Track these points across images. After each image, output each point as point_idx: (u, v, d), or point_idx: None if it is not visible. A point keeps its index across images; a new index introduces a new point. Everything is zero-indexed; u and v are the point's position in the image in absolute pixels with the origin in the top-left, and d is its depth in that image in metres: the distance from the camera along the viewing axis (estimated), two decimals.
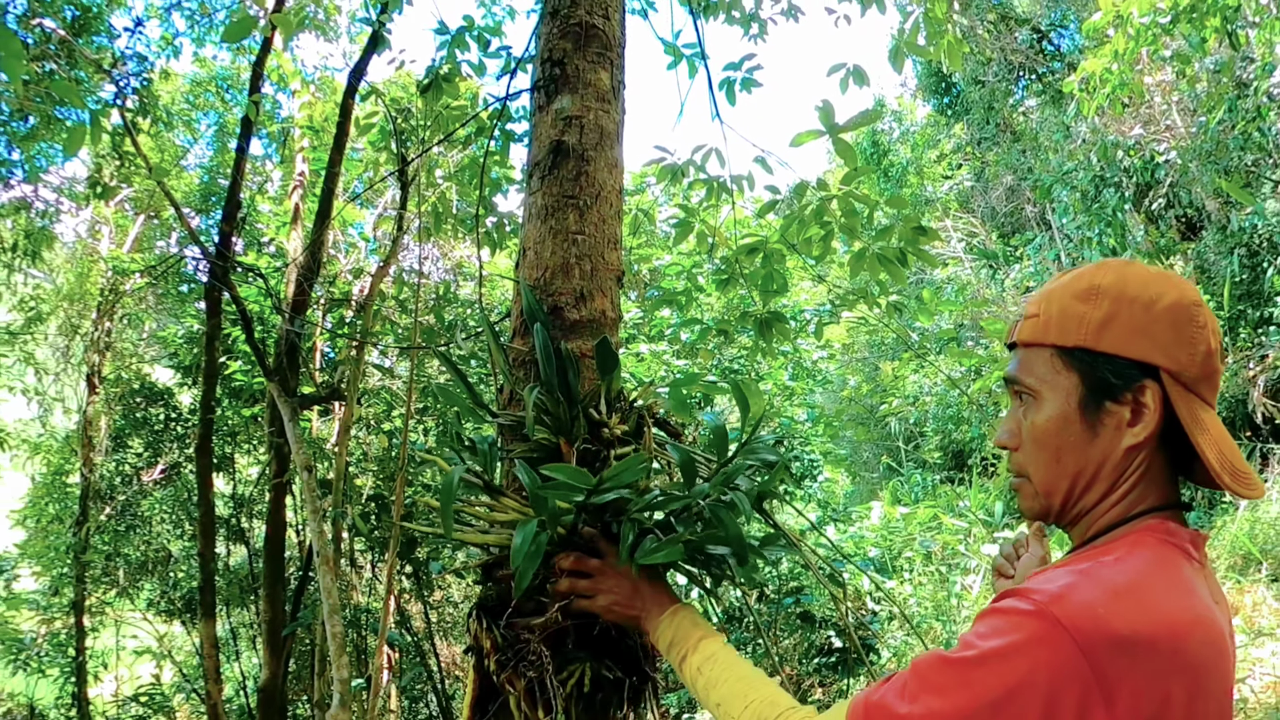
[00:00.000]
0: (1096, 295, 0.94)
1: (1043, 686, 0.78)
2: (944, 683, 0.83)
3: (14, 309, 10.29)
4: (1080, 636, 0.78)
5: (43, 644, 9.73)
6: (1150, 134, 10.11)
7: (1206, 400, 0.93)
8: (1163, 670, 0.80)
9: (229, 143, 9.95)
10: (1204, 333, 0.91)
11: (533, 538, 1.28)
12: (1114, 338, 0.92)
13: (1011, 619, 0.82)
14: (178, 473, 8.81)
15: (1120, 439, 0.92)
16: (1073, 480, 0.96)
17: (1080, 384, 0.94)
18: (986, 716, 0.79)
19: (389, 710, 7.38)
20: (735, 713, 1.06)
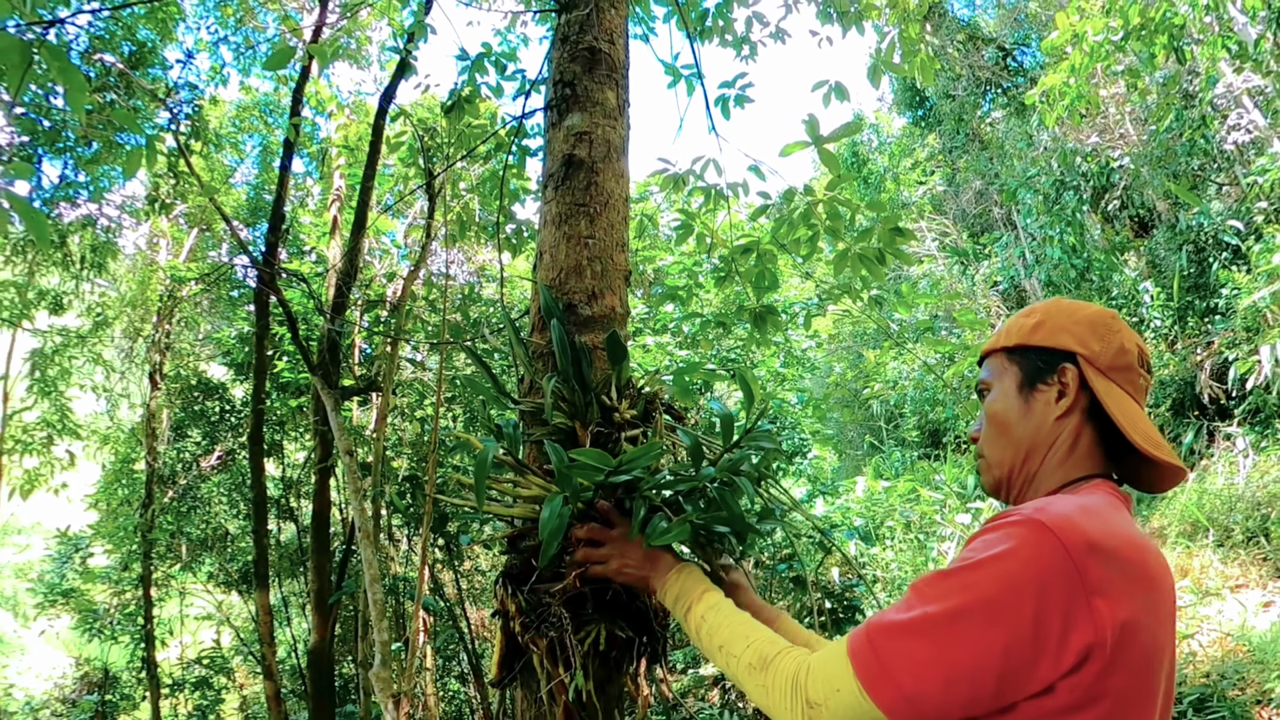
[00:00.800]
0: (1033, 311, 1.11)
1: (1034, 581, 0.79)
2: (944, 589, 0.84)
3: (83, 315, 10.33)
4: (1064, 536, 0.81)
5: (115, 614, 9.80)
6: (1105, 142, 10.06)
7: (1127, 390, 1.03)
8: (1132, 578, 0.83)
9: (273, 162, 9.97)
10: (1118, 335, 1.04)
11: (558, 512, 1.29)
12: (1041, 335, 1.07)
13: (1002, 530, 0.85)
14: (232, 459, 8.85)
15: (1050, 412, 1.03)
16: (1014, 451, 1.06)
17: (1019, 372, 1.08)
18: (984, 612, 0.80)
19: (425, 669, 7.42)
20: (738, 651, 1.06)
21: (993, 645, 0.79)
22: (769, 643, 1.03)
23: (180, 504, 8.88)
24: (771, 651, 1.01)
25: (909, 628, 0.83)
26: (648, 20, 3.62)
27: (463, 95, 3.29)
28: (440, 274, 6.70)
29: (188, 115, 7.34)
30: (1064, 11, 5.57)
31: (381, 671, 2.77)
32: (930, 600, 0.83)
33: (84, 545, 10.28)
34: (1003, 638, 0.79)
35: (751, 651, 1.03)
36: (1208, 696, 3.86)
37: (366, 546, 2.64)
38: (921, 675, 0.81)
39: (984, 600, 0.80)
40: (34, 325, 9.81)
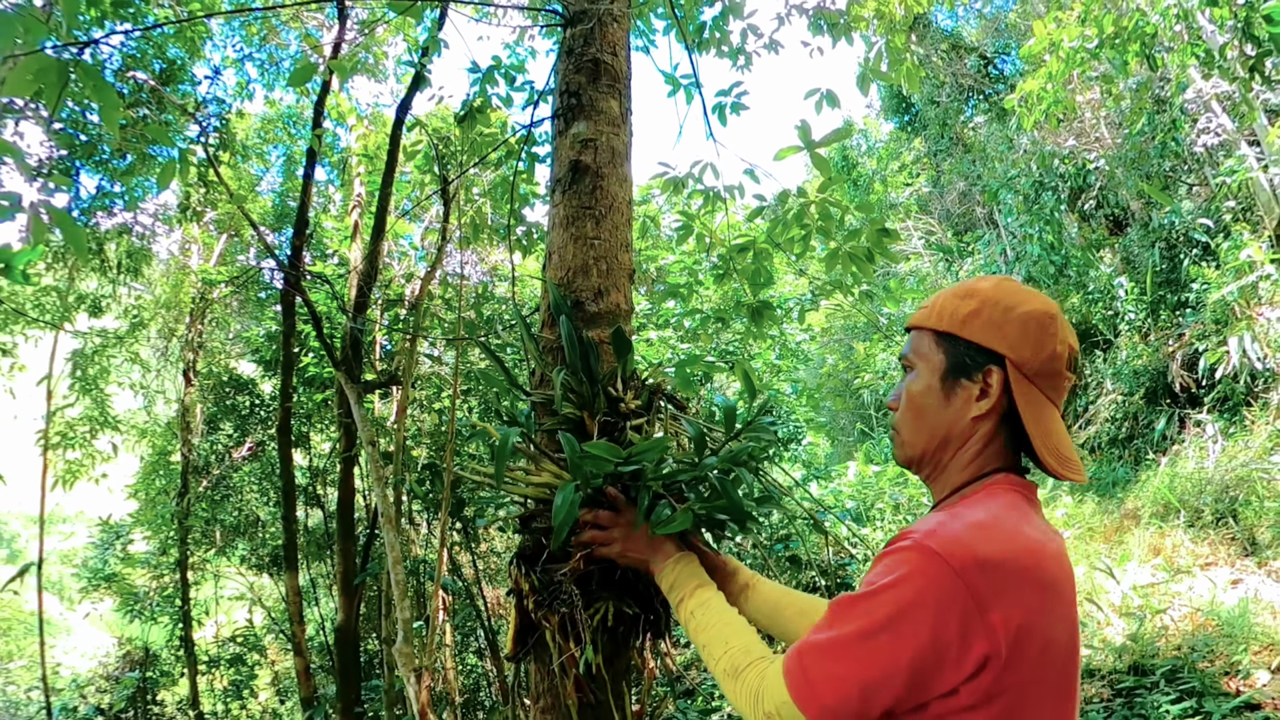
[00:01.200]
0: (972, 295, 1.00)
1: (930, 604, 0.82)
2: (850, 613, 0.87)
3: (120, 317, 10.36)
4: (952, 559, 0.82)
5: (154, 596, 9.85)
6: (1082, 144, 10.01)
7: (1049, 396, 0.97)
8: (1025, 585, 0.85)
9: (296, 171, 9.95)
10: (1052, 340, 0.96)
11: (570, 499, 1.30)
12: (974, 328, 0.97)
13: (897, 557, 0.86)
14: (262, 450, 8.89)
15: (968, 410, 0.98)
16: (928, 438, 1.01)
17: (944, 361, 1.00)
18: (887, 632, 0.83)
19: (444, 644, 7.45)
20: (716, 655, 1.07)
21: (898, 660, 0.83)
22: (742, 653, 1.04)
23: (214, 492, 8.93)
24: (743, 663, 1.02)
25: (827, 649, 0.87)
26: (648, 33, 3.61)
27: (475, 106, 3.28)
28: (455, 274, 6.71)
29: (216, 128, 7.34)
30: (1041, 21, 5.54)
31: (404, 647, 2.78)
32: (843, 623, 0.87)
33: (125, 532, 10.34)
34: (906, 653, 0.82)
35: (727, 659, 1.04)
36: (1179, 668, 3.86)
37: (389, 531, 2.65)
38: (840, 690, 0.86)
39: (886, 622, 0.83)
40: (75, 327, 9.84)
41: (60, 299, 9.32)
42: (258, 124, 10.37)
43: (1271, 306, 6.33)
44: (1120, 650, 4.20)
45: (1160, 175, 9.13)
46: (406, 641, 2.82)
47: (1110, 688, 3.94)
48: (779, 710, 0.91)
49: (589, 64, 1.82)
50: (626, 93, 1.88)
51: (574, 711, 1.42)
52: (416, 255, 8.30)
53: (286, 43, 8.47)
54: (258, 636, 9.79)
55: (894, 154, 16.38)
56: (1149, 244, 8.72)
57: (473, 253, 7.35)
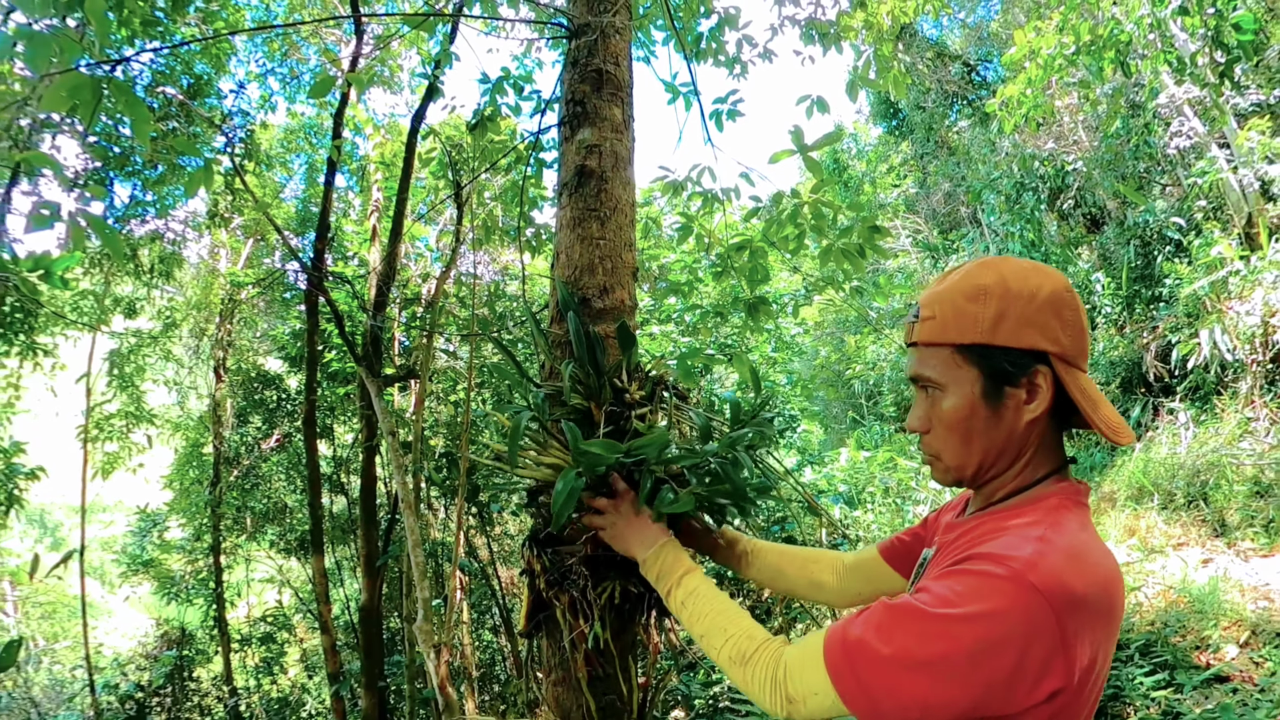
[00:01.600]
0: (985, 295, 0.87)
1: (1019, 641, 0.74)
2: (925, 632, 0.77)
3: (154, 318, 10.39)
4: (1054, 599, 0.74)
5: (189, 579, 9.89)
6: (1060, 147, 9.96)
7: (1082, 367, 0.88)
8: (1101, 621, 0.79)
9: (318, 178, 9.95)
10: (1078, 315, 0.87)
11: (570, 484, 1.29)
12: (1007, 332, 0.86)
13: (990, 582, 0.76)
14: (289, 441, 8.91)
15: (1021, 416, 0.87)
16: (982, 456, 0.90)
17: (980, 375, 0.88)
18: (966, 663, 0.75)
19: (462, 622, 7.48)
20: (717, 645, 1.01)
21: (970, 691, 0.76)
22: (746, 638, 0.98)
23: (244, 481, 8.96)
24: (750, 648, 0.97)
25: (892, 664, 0.78)
26: (649, 44, 3.60)
27: (485, 115, 3.28)
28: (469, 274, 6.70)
29: (241, 139, 7.34)
30: (1022, 30, 5.50)
31: (424, 625, 2.79)
32: (914, 640, 0.78)
33: (161, 520, 10.39)
34: (980, 686, 0.75)
35: (730, 647, 0.99)
36: (1153, 642, 3.86)
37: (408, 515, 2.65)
38: (903, 707, 0.78)
39: (967, 654, 0.75)
40: (111, 328, 9.87)
41: (97, 302, 9.35)
42: (280, 135, 10.37)
43: (1240, 301, 6.30)
44: None
45: (1135, 176, 9.08)
46: (426, 619, 2.83)
47: None
48: (804, 699, 0.86)
49: (593, 74, 1.81)
50: (629, 101, 1.87)
51: (584, 684, 1.42)
52: (432, 256, 8.29)
53: (306, 58, 8.46)
54: (287, 616, 9.84)
55: (882, 157, 16.30)
56: (1124, 241, 8.68)
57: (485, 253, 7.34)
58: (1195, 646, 3.76)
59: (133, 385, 10.11)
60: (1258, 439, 5.62)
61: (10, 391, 8.42)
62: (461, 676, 6.92)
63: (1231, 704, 3.01)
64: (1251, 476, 5.28)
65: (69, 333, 9.16)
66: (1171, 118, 8.16)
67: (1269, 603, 3.99)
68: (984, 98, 11.47)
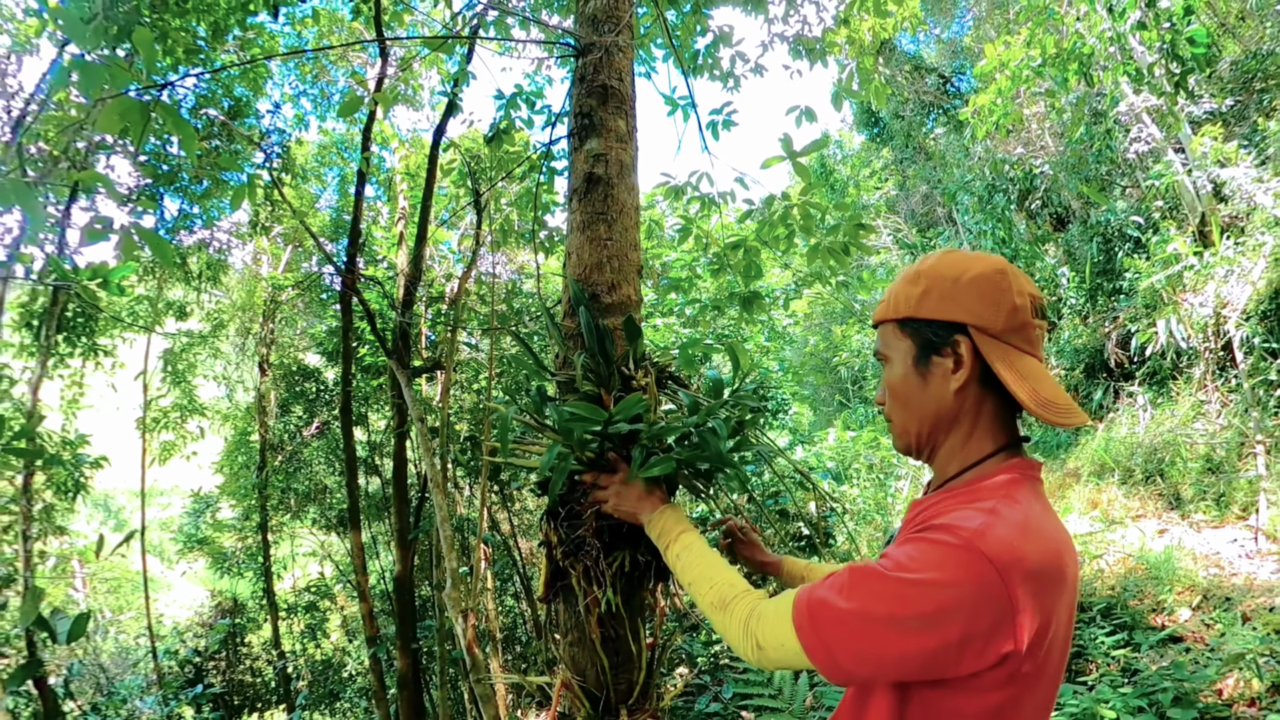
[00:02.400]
0: (918, 277, 0.90)
1: (968, 607, 0.73)
2: (880, 591, 0.77)
3: (203, 319, 10.44)
4: (1004, 569, 0.74)
5: (240, 555, 9.98)
6: (1028, 152, 9.87)
7: (1022, 349, 0.85)
8: (1052, 589, 0.78)
9: (349, 189, 9.94)
10: (1008, 294, 0.85)
11: (556, 456, 1.30)
12: (930, 306, 0.87)
13: (943, 550, 0.76)
14: (328, 428, 8.95)
15: (947, 385, 0.87)
16: (919, 421, 0.91)
17: (913, 346, 0.90)
18: (918, 623, 0.74)
19: (486, 589, 7.52)
20: (703, 590, 1.03)
21: (921, 650, 0.75)
22: (728, 586, 0.99)
23: (288, 466, 9.02)
24: (730, 595, 0.97)
25: (848, 618, 0.78)
26: (650, 61, 3.57)
27: (501, 128, 3.27)
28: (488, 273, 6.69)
29: (279, 155, 7.33)
30: (992, 44, 5.44)
31: (452, 592, 2.81)
32: (871, 599, 0.77)
33: (213, 502, 10.47)
34: (931, 646, 0.74)
35: (713, 593, 1.00)
36: (1113, 606, 3.86)
37: (437, 494, 2.66)
38: (857, 659, 0.78)
39: (922, 615, 0.74)
40: (164, 329, 9.91)
41: (151, 306, 9.39)
42: (314, 150, 10.36)
43: (1194, 293, 6.25)
44: None
45: (1097, 178, 9.00)
46: (454, 587, 2.84)
47: None
48: (770, 646, 0.87)
49: (599, 89, 1.80)
50: (632, 113, 1.86)
51: (598, 644, 1.43)
52: (454, 258, 8.29)
53: (335, 79, 8.44)
54: (328, 586, 9.92)
55: (865, 162, 16.19)
56: (1088, 239, 8.61)
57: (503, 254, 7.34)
58: (1152, 609, 3.76)
59: (185, 381, 10.17)
60: (1209, 420, 5.58)
61: (75, 389, 8.48)
62: (487, 639, 6.97)
63: (1184, 662, 3.02)
64: (1204, 454, 5.26)
65: (126, 334, 9.20)
66: (1131, 124, 8.07)
67: (1219, 570, 3.99)
68: (958, 107, 11.37)
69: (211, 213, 7.59)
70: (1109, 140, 8.33)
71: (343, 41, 7.18)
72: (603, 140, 1.75)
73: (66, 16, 1.49)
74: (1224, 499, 4.79)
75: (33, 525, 6.92)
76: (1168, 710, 2.68)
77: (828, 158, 15.91)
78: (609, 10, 1.88)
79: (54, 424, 8.16)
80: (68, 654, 8.80)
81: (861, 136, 15.70)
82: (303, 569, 11.40)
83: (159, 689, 8.06)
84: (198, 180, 6.65)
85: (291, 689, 8.86)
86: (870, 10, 3.48)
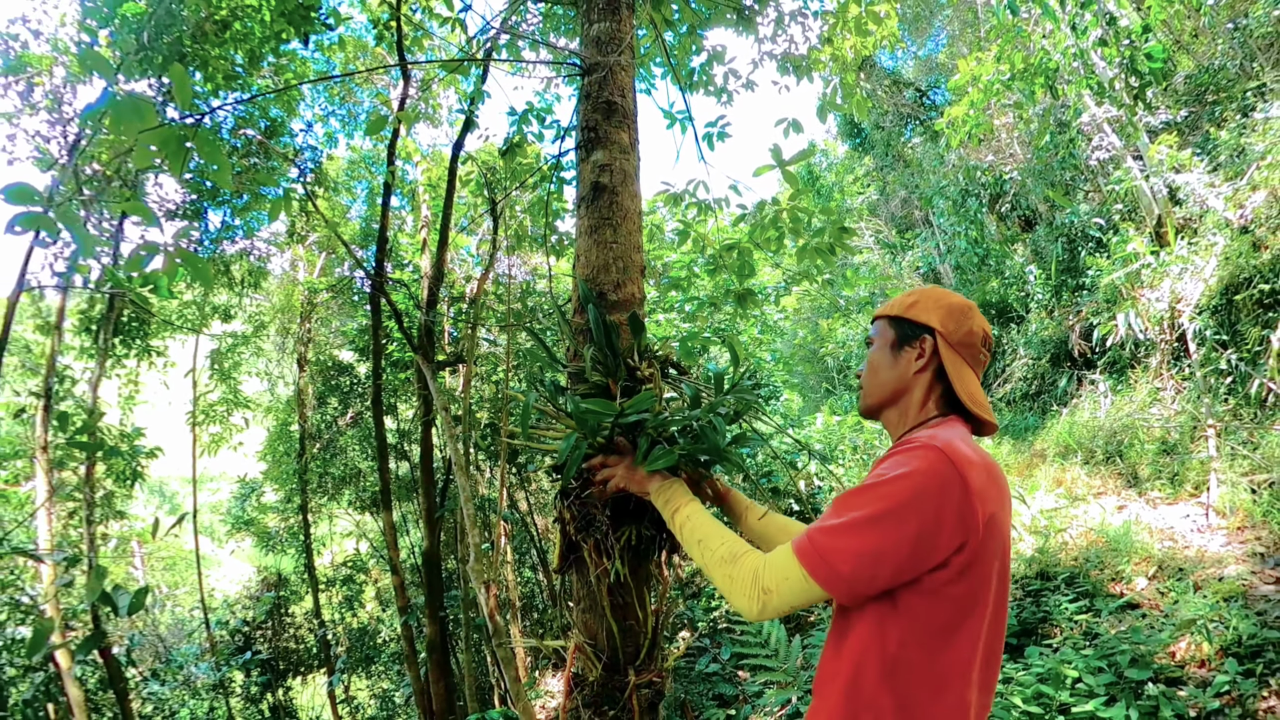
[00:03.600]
0: (915, 294, 1.09)
1: (936, 489, 0.83)
2: (866, 499, 0.86)
3: (246, 321, 10.47)
4: (954, 456, 0.85)
5: (283, 534, 10.04)
6: (999, 159, 9.80)
7: (969, 364, 1.03)
8: (993, 486, 0.88)
9: (376, 200, 9.93)
10: (969, 320, 1.03)
11: (574, 445, 1.30)
12: (914, 312, 1.07)
13: (910, 453, 0.87)
14: (361, 418, 8.99)
15: (910, 367, 1.05)
16: (883, 389, 1.07)
17: (894, 334, 1.08)
18: (901, 512, 0.83)
19: (506, 562, 7.56)
20: (714, 546, 1.04)
21: (907, 534, 0.82)
22: (738, 542, 1.02)
23: (325, 453, 9.06)
24: (740, 550, 1.00)
25: (841, 529, 0.85)
26: (649, 78, 3.55)
27: (514, 142, 3.25)
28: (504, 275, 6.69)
29: (311, 170, 7.33)
30: (965, 60, 5.39)
31: (475, 565, 2.82)
32: (857, 508, 0.85)
33: (258, 486, 10.54)
34: (914, 529, 0.82)
35: (725, 548, 1.02)
36: (1076, 575, 3.86)
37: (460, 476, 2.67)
38: (854, 561, 0.84)
39: (901, 504, 0.83)
40: (211, 331, 9.95)
41: (199, 310, 9.42)
42: (344, 165, 10.35)
43: (1151, 289, 6.20)
44: (1030, 560, 4.19)
45: (1062, 184, 8.93)
46: (477, 560, 2.86)
47: (1022, 589, 3.94)
48: (777, 588, 0.89)
49: (603, 105, 1.79)
50: (634, 126, 1.85)
51: (608, 611, 1.43)
52: (473, 261, 8.28)
53: (361, 100, 8.42)
54: (363, 561, 9.99)
55: (849, 169, 16.09)
56: (1053, 239, 8.55)
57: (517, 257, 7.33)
58: (1111, 579, 3.75)
59: (231, 377, 10.21)
60: (1165, 405, 5.55)
61: (131, 387, 8.53)
62: (507, 607, 7.01)
63: (1140, 626, 3.02)
64: (1159, 437, 5.23)
65: (176, 336, 9.24)
66: (1093, 134, 8.00)
67: (1173, 543, 3.97)
68: (933, 118, 11.28)
69: (252, 224, 7.61)
70: (1072, 148, 8.26)
71: (368, 66, 7.15)
72: (607, 152, 1.74)
73: (95, 57, 1.47)
74: (1178, 478, 4.77)
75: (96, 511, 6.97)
76: (1125, 670, 2.68)
77: (814, 166, 15.82)
78: (611, 33, 1.87)
79: (113, 419, 8.22)
80: (129, 626, 8.89)
81: (845, 146, 15.60)
82: (340, 546, 11.48)
83: (212, 656, 8.14)
84: (238, 195, 6.66)
85: (331, 654, 8.94)
86: (852, 30, 3.45)
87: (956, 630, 0.85)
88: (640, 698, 1.42)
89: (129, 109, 1.34)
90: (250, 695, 8.44)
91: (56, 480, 6.63)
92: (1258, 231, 5.29)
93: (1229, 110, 7.08)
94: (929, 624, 0.85)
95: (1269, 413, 4.60)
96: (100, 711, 6.89)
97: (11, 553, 2.65)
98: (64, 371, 7.34)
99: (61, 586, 5.86)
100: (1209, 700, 2.49)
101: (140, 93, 1.40)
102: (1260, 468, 4.15)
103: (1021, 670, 2.90)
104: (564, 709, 1.47)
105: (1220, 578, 3.34)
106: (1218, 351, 5.23)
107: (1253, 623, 2.82)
